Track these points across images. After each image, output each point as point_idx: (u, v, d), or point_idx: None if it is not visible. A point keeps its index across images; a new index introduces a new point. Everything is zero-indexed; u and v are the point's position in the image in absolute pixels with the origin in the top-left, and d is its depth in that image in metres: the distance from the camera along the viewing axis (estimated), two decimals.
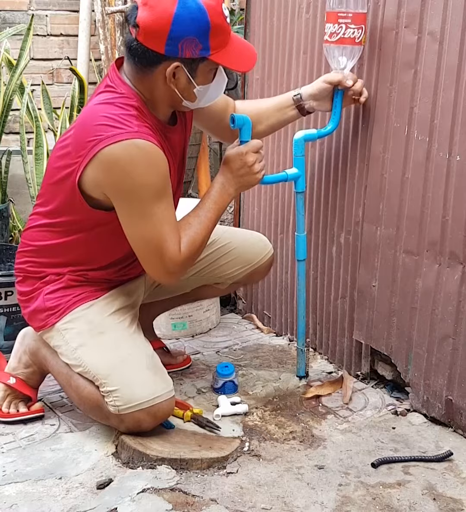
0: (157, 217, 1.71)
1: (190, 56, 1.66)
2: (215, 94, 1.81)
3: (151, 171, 1.67)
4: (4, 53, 2.83)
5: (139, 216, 1.70)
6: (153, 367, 1.84)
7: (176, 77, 1.69)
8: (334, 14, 1.97)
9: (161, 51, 1.64)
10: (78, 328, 1.84)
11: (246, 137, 1.86)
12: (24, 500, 1.65)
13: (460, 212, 1.83)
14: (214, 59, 1.69)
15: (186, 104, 1.78)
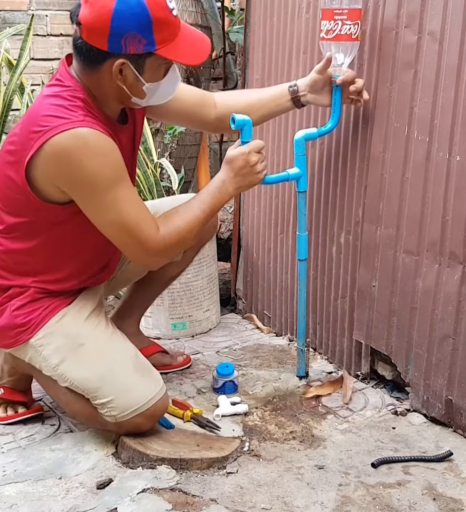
0: (122, 201, 1.66)
1: (135, 52, 1.61)
2: (168, 93, 1.77)
3: (102, 157, 1.62)
4: (4, 53, 2.83)
5: (102, 204, 1.66)
6: (141, 368, 1.82)
7: (123, 74, 1.64)
8: (330, 11, 1.97)
9: (105, 48, 1.60)
10: (55, 343, 1.77)
11: (247, 138, 1.86)
12: (24, 500, 1.65)
13: (460, 212, 1.83)
14: (161, 54, 1.63)
15: (136, 101, 1.73)
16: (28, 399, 2.01)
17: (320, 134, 2.11)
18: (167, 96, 1.80)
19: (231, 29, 3.60)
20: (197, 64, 1.74)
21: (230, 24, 3.82)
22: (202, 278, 2.56)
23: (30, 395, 2.03)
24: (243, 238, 2.73)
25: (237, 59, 3.87)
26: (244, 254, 2.74)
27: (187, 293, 2.53)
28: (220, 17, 3.49)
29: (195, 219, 1.78)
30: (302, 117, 2.33)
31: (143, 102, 1.74)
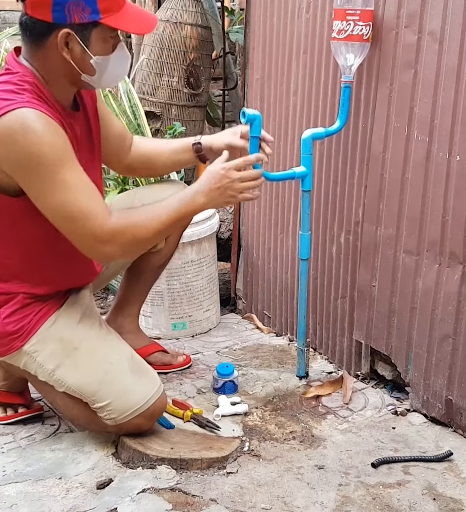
0: (66, 185, 1.60)
1: (80, 21, 1.59)
2: (117, 71, 1.73)
3: (45, 138, 1.57)
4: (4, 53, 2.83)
5: (45, 187, 1.60)
6: (137, 369, 1.81)
7: (70, 46, 1.62)
8: (342, 11, 1.97)
9: (49, 19, 1.58)
10: (50, 349, 1.76)
11: (256, 133, 1.87)
12: (24, 500, 1.65)
13: (460, 212, 1.83)
14: (107, 23, 1.61)
15: (87, 79, 1.69)
16: (25, 400, 2.01)
17: (328, 134, 2.11)
18: (118, 77, 1.78)
19: (231, 29, 3.61)
20: (143, 34, 1.71)
21: (230, 24, 3.83)
22: (202, 278, 2.56)
23: (28, 395, 2.03)
24: (243, 238, 2.73)
25: (237, 59, 3.88)
26: (244, 254, 2.74)
27: (187, 293, 2.53)
28: (220, 17, 3.49)
29: (157, 221, 1.70)
30: (302, 117, 2.33)
31: (94, 80, 1.70)
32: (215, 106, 3.88)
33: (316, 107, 2.27)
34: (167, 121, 3.34)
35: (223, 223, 3.02)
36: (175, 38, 3.29)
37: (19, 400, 1.99)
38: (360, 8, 1.96)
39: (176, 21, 3.29)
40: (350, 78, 2.04)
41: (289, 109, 2.39)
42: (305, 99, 2.31)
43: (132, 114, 2.98)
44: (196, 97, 3.38)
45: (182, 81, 3.33)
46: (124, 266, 2.17)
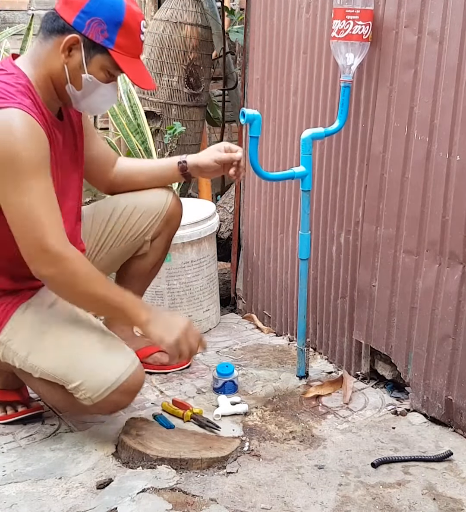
0: (35, 194, 1.61)
1: (93, 39, 1.66)
2: (100, 102, 1.78)
3: (30, 142, 1.60)
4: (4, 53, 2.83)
5: (14, 188, 1.61)
6: (109, 346, 1.79)
7: (72, 53, 1.68)
8: (342, 10, 1.97)
9: (70, 21, 1.66)
10: (21, 335, 1.78)
11: (255, 133, 1.89)
12: (24, 500, 1.65)
13: (460, 212, 1.83)
14: (114, 56, 1.68)
15: (70, 91, 1.73)
16: (22, 396, 2.00)
17: (327, 134, 2.12)
18: (99, 108, 1.84)
19: (231, 29, 3.60)
20: (137, 84, 1.77)
21: (230, 24, 3.83)
22: (202, 278, 2.56)
23: (25, 392, 2.02)
24: (243, 238, 2.73)
25: (237, 59, 3.88)
26: (244, 254, 2.74)
27: (187, 293, 2.53)
28: (220, 17, 3.49)
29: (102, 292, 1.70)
30: (302, 117, 2.33)
31: (77, 96, 1.74)
32: (215, 106, 3.88)
33: (316, 107, 2.27)
34: (167, 121, 3.34)
35: (223, 223, 3.02)
36: (175, 38, 3.29)
37: (16, 397, 1.99)
38: (360, 8, 1.96)
39: (176, 21, 3.29)
40: (350, 77, 2.04)
41: (289, 109, 2.39)
42: (305, 99, 2.31)
43: (132, 114, 2.99)
44: (196, 97, 3.38)
45: (182, 81, 3.33)
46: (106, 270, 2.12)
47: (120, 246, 2.10)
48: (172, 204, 2.12)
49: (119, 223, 2.07)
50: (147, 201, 2.08)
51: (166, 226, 2.13)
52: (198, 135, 3.46)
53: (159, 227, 2.11)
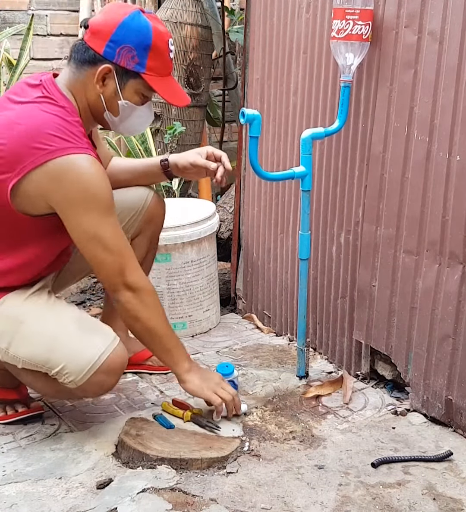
0: (115, 224, 1.73)
1: (125, 66, 1.72)
2: (138, 124, 1.85)
3: (102, 184, 1.70)
4: (4, 53, 2.84)
5: (95, 221, 1.70)
6: (87, 328, 1.81)
7: (106, 83, 1.74)
8: (342, 10, 1.97)
9: (100, 51, 1.71)
10: (0, 328, 1.80)
11: (255, 133, 1.89)
12: (24, 500, 1.65)
13: (460, 212, 1.83)
14: (147, 79, 1.74)
15: (108, 118, 1.80)
16: (21, 395, 2.00)
17: (327, 134, 2.12)
18: (136, 130, 1.90)
19: (231, 29, 3.60)
20: (173, 104, 1.84)
21: (230, 24, 3.82)
22: (202, 278, 2.56)
23: (24, 390, 2.02)
24: (243, 238, 2.73)
25: (237, 59, 3.87)
26: (244, 254, 2.74)
27: (187, 293, 2.53)
28: (220, 17, 3.49)
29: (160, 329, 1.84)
30: (302, 117, 2.33)
31: (115, 122, 1.81)
32: (215, 106, 3.88)
33: (315, 107, 2.27)
34: (167, 121, 3.34)
35: (223, 223, 3.02)
36: (175, 38, 3.29)
37: (14, 395, 1.99)
38: (360, 8, 1.96)
39: (176, 21, 3.29)
40: (349, 77, 2.04)
41: (289, 109, 2.39)
42: (305, 99, 2.31)
43: None
44: (196, 97, 3.38)
45: (182, 81, 3.33)
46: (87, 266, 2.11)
47: None
48: (152, 203, 2.13)
49: None
50: (125, 200, 2.08)
51: (148, 225, 2.14)
52: (198, 135, 3.46)
53: (139, 225, 2.12)
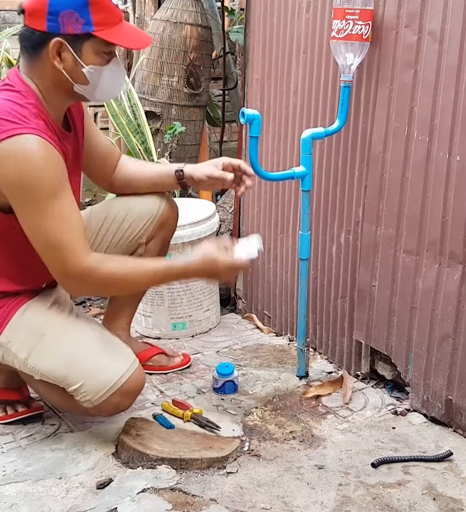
0: (56, 215, 1.63)
1: (73, 32, 1.63)
2: (112, 85, 1.75)
3: (48, 167, 1.62)
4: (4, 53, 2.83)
5: (35, 213, 1.63)
6: (108, 347, 1.79)
7: (62, 57, 1.65)
8: (342, 10, 1.97)
9: (43, 28, 1.63)
10: (21, 338, 1.78)
11: (255, 133, 1.88)
12: (24, 500, 1.65)
13: (460, 212, 1.83)
14: (100, 35, 1.64)
15: (79, 90, 1.71)
16: (23, 396, 2.00)
17: (327, 134, 2.11)
18: (113, 91, 1.79)
19: (231, 29, 3.60)
20: (135, 48, 1.74)
21: (230, 24, 3.83)
22: None
23: (26, 391, 2.02)
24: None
25: (237, 59, 3.88)
26: None
27: (187, 293, 2.53)
28: (220, 17, 3.49)
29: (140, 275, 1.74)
30: (302, 117, 2.33)
31: (88, 91, 1.72)
32: (215, 106, 3.88)
33: (316, 107, 2.27)
34: (167, 121, 3.34)
35: (223, 223, 3.02)
36: (175, 38, 3.29)
37: (16, 396, 1.99)
38: (360, 8, 1.96)
39: (176, 21, 3.29)
40: (349, 77, 2.04)
41: (289, 109, 2.39)
42: (305, 99, 2.31)
43: (132, 114, 2.99)
44: (196, 97, 3.38)
45: (182, 81, 3.33)
46: None
47: (115, 249, 2.09)
48: (165, 209, 2.11)
49: (111, 229, 2.07)
50: (139, 207, 2.07)
51: (161, 230, 2.13)
52: (198, 135, 3.46)
53: (153, 231, 2.11)
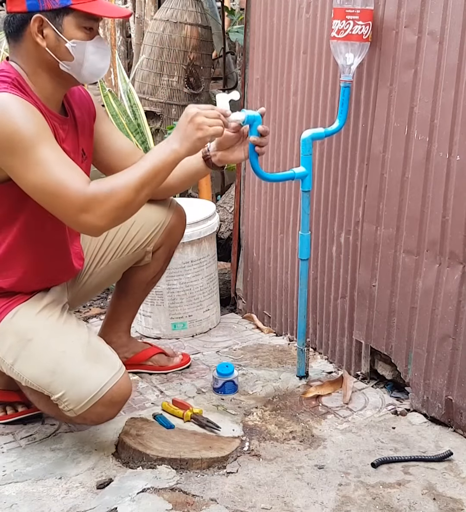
0: (46, 159, 1.59)
1: (52, 7, 1.64)
2: (97, 61, 1.72)
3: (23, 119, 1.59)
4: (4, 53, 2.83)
5: (27, 164, 1.59)
6: (93, 355, 1.74)
7: (45, 34, 1.66)
8: (342, 10, 1.97)
9: (24, 8, 1.65)
10: (8, 342, 1.74)
11: (256, 134, 1.87)
12: (24, 500, 1.65)
13: (460, 212, 1.83)
14: (78, 8, 1.65)
15: (65, 67, 1.69)
16: (23, 397, 1.99)
17: (327, 134, 2.11)
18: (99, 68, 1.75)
19: (231, 29, 3.61)
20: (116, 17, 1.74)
21: (230, 24, 3.83)
22: (202, 278, 2.56)
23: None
24: (243, 238, 2.73)
25: (237, 59, 3.88)
26: (244, 254, 2.74)
27: (187, 293, 2.53)
28: (220, 17, 3.49)
29: (134, 177, 1.64)
30: (302, 117, 2.33)
31: (74, 68, 1.70)
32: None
33: (316, 107, 2.27)
34: (167, 120, 3.34)
35: (223, 223, 3.02)
36: (175, 38, 3.29)
37: (16, 397, 1.99)
38: (360, 8, 1.96)
39: (176, 21, 3.30)
40: (349, 77, 2.04)
41: (289, 109, 2.39)
42: (305, 99, 2.31)
43: (132, 114, 2.99)
44: (196, 97, 3.38)
45: (182, 81, 3.33)
46: (108, 280, 2.14)
47: (121, 257, 2.09)
48: (173, 217, 2.11)
49: (117, 237, 2.06)
50: (146, 215, 2.03)
51: (168, 238, 2.12)
52: None
53: (160, 239, 2.10)
